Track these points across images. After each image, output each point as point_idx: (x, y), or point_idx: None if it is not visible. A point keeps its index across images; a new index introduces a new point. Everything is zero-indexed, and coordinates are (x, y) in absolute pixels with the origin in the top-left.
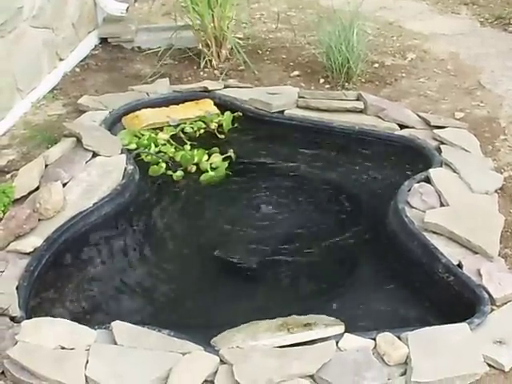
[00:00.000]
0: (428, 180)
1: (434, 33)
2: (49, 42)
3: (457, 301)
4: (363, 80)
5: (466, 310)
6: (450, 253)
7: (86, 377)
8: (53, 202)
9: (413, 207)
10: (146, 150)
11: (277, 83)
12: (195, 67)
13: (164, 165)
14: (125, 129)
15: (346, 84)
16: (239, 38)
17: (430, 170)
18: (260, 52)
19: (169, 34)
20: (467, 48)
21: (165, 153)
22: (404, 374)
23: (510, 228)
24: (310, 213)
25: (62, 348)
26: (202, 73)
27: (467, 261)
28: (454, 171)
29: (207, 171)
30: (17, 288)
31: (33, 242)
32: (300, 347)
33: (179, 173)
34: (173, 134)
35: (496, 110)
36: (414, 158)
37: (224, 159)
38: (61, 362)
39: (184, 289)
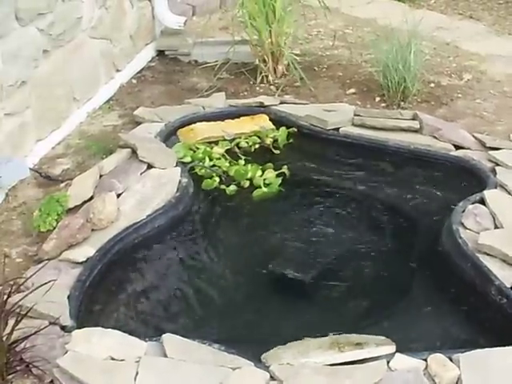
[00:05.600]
0: (482, 201)
1: (490, 54)
2: (106, 53)
3: (509, 323)
4: (419, 99)
5: None
6: (504, 275)
7: None
8: (106, 213)
9: (467, 228)
10: (201, 163)
11: (333, 100)
12: (251, 82)
13: (217, 179)
14: (180, 141)
15: (402, 103)
16: (296, 55)
17: (485, 192)
18: (316, 69)
19: (226, 48)
20: None
21: (219, 167)
22: None
23: None
24: (363, 231)
25: (112, 359)
26: (257, 88)
27: None
28: (509, 193)
29: (260, 187)
30: (68, 297)
31: (85, 251)
32: (351, 366)
33: (232, 187)
34: (228, 149)
35: None
36: (468, 179)
37: (278, 175)
38: (110, 372)
39: (237, 303)
